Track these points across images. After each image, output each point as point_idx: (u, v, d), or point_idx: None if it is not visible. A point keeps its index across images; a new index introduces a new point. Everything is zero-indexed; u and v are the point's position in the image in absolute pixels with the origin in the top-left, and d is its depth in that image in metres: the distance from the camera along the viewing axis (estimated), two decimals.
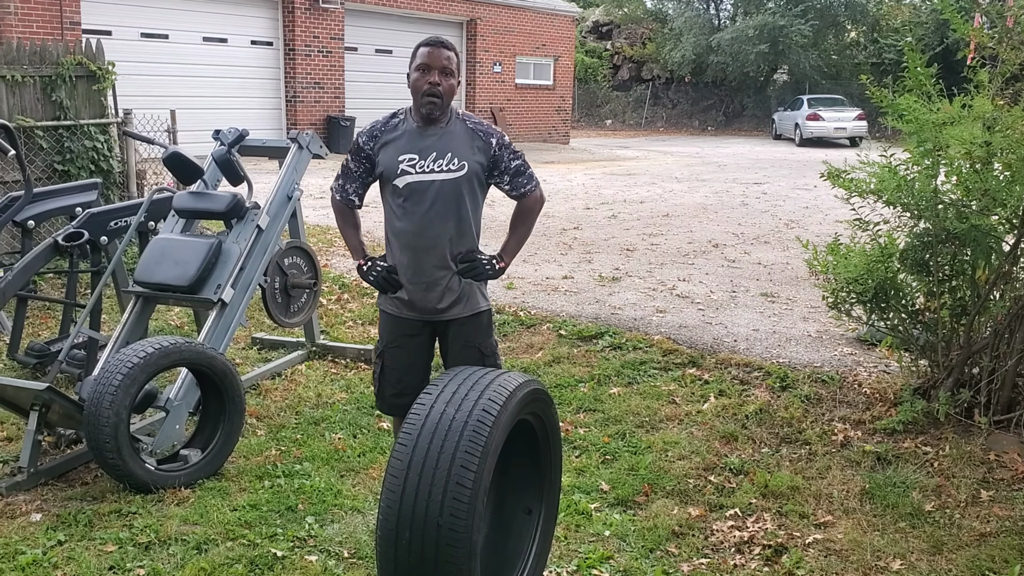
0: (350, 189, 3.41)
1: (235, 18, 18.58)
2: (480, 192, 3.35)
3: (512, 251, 3.45)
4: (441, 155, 3.22)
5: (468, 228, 3.32)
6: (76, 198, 5.47)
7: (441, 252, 3.28)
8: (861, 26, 33.53)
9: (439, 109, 3.21)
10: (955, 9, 4.34)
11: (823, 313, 6.22)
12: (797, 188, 14.99)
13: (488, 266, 3.35)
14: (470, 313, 3.39)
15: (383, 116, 3.37)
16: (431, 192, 3.22)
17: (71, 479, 3.95)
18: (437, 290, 3.32)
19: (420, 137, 3.24)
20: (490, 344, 3.46)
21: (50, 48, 7.26)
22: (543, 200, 3.48)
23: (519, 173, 3.35)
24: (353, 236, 3.48)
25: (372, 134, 3.32)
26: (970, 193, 4.23)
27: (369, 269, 3.38)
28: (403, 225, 3.29)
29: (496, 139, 3.29)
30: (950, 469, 4.07)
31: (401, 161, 3.23)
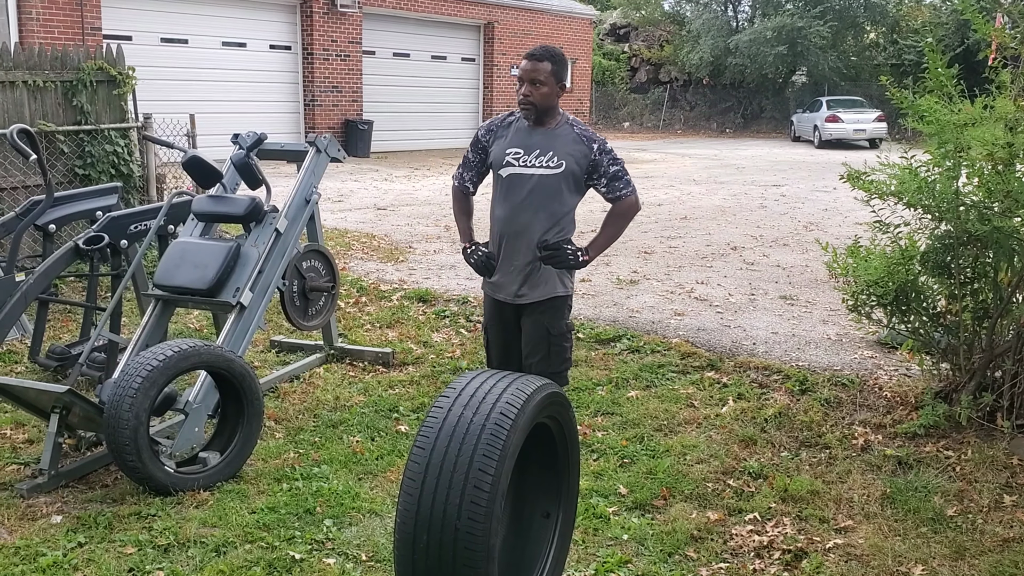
0: (466, 177, 3.82)
1: (254, 23, 18.69)
2: (576, 191, 3.65)
3: (599, 247, 3.68)
4: (544, 152, 3.57)
5: (559, 223, 3.60)
6: (97, 202, 5.51)
7: (529, 241, 3.58)
8: (880, 27, 33.28)
9: (533, 113, 3.58)
10: (976, 9, 4.31)
11: (843, 316, 6.18)
12: (816, 190, 14.91)
13: (571, 256, 3.58)
14: (544, 297, 3.66)
15: (502, 114, 3.80)
16: (529, 184, 3.57)
17: (91, 481, 3.98)
18: (520, 276, 3.63)
19: (528, 135, 3.62)
20: (560, 326, 3.70)
21: (71, 53, 7.32)
22: (638, 206, 3.75)
23: (616, 178, 3.64)
24: (463, 221, 3.84)
25: (489, 128, 3.75)
26: (992, 195, 4.18)
27: (472, 252, 3.71)
28: (500, 212, 3.66)
29: (597, 144, 3.62)
30: (972, 474, 4.03)
31: (508, 153, 3.61)
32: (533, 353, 3.69)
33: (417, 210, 11.97)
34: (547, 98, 3.56)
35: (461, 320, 6.56)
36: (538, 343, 3.68)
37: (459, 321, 6.54)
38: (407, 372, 5.49)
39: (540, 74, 3.53)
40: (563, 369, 3.74)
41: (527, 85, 3.54)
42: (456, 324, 6.49)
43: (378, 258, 8.69)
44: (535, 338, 3.67)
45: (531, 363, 3.69)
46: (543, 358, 3.67)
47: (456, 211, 3.88)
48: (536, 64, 3.53)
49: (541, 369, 3.63)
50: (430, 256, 8.82)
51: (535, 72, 3.53)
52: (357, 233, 9.91)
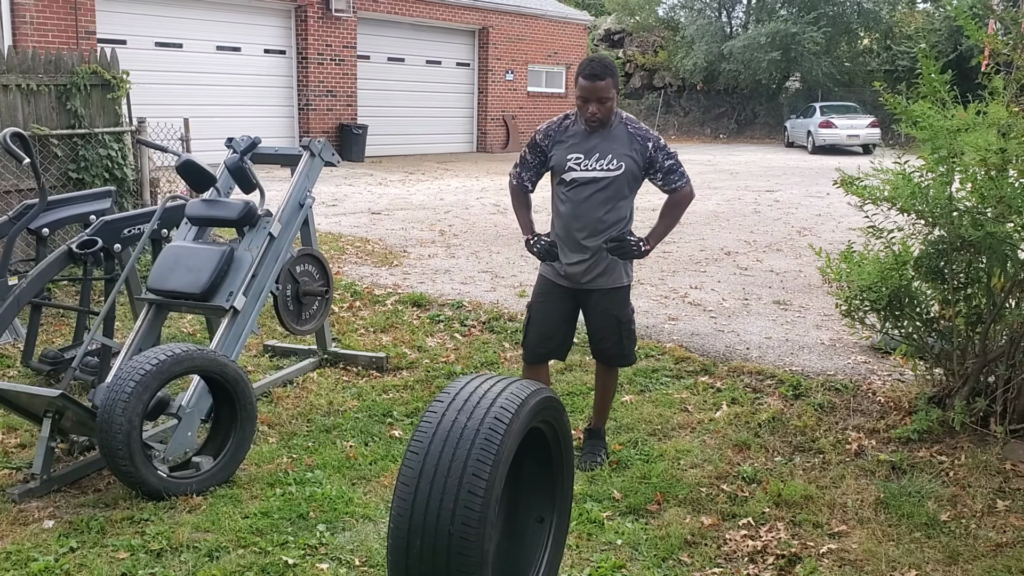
0: (525, 176, 4.07)
1: (248, 27, 18.69)
2: (634, 185, 3.96)
3: (658, 236, 4.02)
4: (603, 156, 3.85)
5: (620, 216, 3.92)
6: (90, 206, 5.50)
7: (592, 234, 3.89)
8: (874, 33, 33.42)
9: (602, 127, 3.84)
10: (969, 15, 4.33)
11: (836, 321, 6.19)
12: (810, 196, 14.94)
13: (635, 247, 3.91)
14: (610, 286, 4.01)
15: (556, 117, 4.01)
16: (592, 186, 3.87)
17: (84, 486, 3.96)
18: (585, 264, 3.94)
19: (586, 139, 3.88)
20: (627, 313, 4.09)
21: (65, 57, 7.31)
22: (692, 196, 4.10)
23: (672, 171, 3.97)
24: (524, 215, 4.08)
25: (547, 133, 3.97)
26: (985, 200, 4.20)
27: (535, 242, 3.98)
28: (565, 209, 3.94)
29: (652, 142, 3.90)
30: (966, 479, 4.03)
31: (570, 159, 3.88)
32: (605, 339, 4.09)
33: (412, 214, 11.97)
34: (611, 111, 3.81)
35: (456, 324, 6.55)
36: (609, 330, 4.06)
37: (453, 325, 6.54)
38: (401, 377, 5.48)
39: (605, 92, 3.73)
40: (632, 350, 4.19)
41: (594, 104, 3.75)
42: (451, 328, 6.48)
43: (372, 262, 8.69)
44: (606, 325, 4.05)
45: (603, 348, 4.14)
46: (616, 343, 4.08)
47: (516, 206, 4.11)
48: (598, 84, 3.72)
49: (615, 352, 4.11)
50: (424, 260, 8.82)
51: (599, 91, 3.73)
52: (351, 237, 9.90)
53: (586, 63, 3.79)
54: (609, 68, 3.76)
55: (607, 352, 4.15)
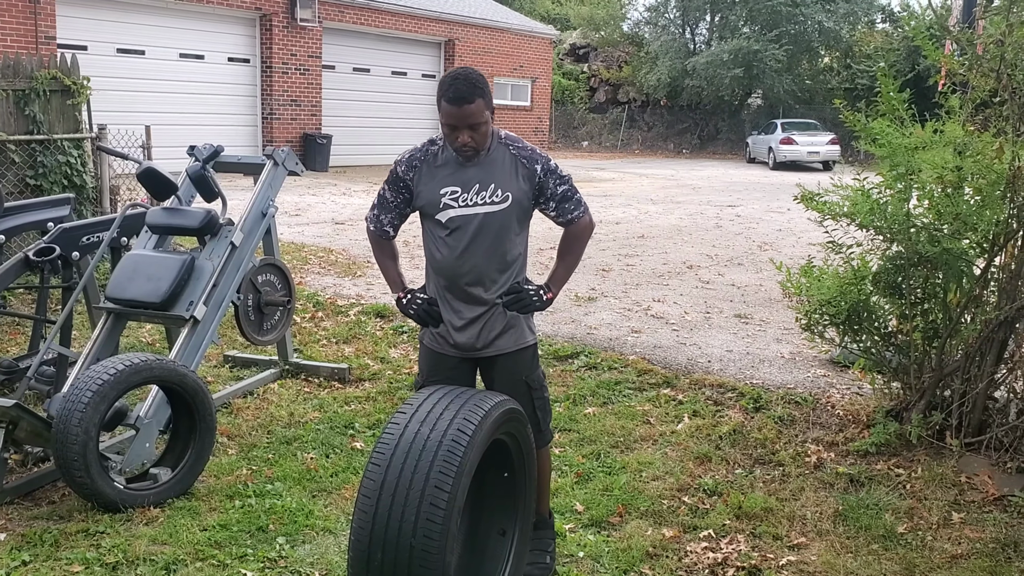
0: (385, 220, 3.28)
1: (212, 35, 18.55)
2: (525, 219, 3.21)
3: (560, 280, 3.28)
4: (484, 186, 3.08)
5: (514, 260, 3.18)
6: (48, 213, 5.41)
7: (484, 286, 3.14)
8: (835, 52, 33.96)
9: (476, 155, 3.08)
10: (927, 36, 4.41)
11: (796, 335, 6.26)
12: (771, 211, 15.12)
13: (536, 297, 3.19)
14: (514, 348, 3.23)
15: (420, 144, 3.20)
16: (474, 225, 3.09)
17: (37, 498, 3.89)
18: (478, 325, 3.17)
19: (462, 168, 3.10)
20: (537, 376, 3.31)
21: (24, 62, 7.20)
22: (592, 226, 3.32)
23: (566, 199, 3.19)
24: (391, 268, 3.35)
25: (411, 164, 3.16)
26: (942, 217, 4.28)
27: (409, 303, 3.26)
28: (444, 258, 3.15)
29: (541, 164, 3.13)
30: (922, 491, 4.09)
31: (443, 195, 3.09)
32: None
33: None
34: (487, 136, 3.05)
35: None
36: (520, 401, 3.14)
37: (417, 337, 6.51)
38: (363, 388, 5.45)
39: (476, 116, 2.96)
40: (548, 425, 3.38)
41: (465, 132, 2.98)
42: (414, 340, 6.46)
43: (335, 273, 8.64)
44: (515, 395, 3.13)
45: None
46: (529, 416, 3.17)
47: (378, 257, 3.39)
48: (468, 108, 2.94)
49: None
50: None
51: (470, 117, 2.96)
52: (314, 247, 9.84)
53: (448, 81, 2.98)
54: (477, 85, 2.96)
55: None
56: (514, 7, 35.29)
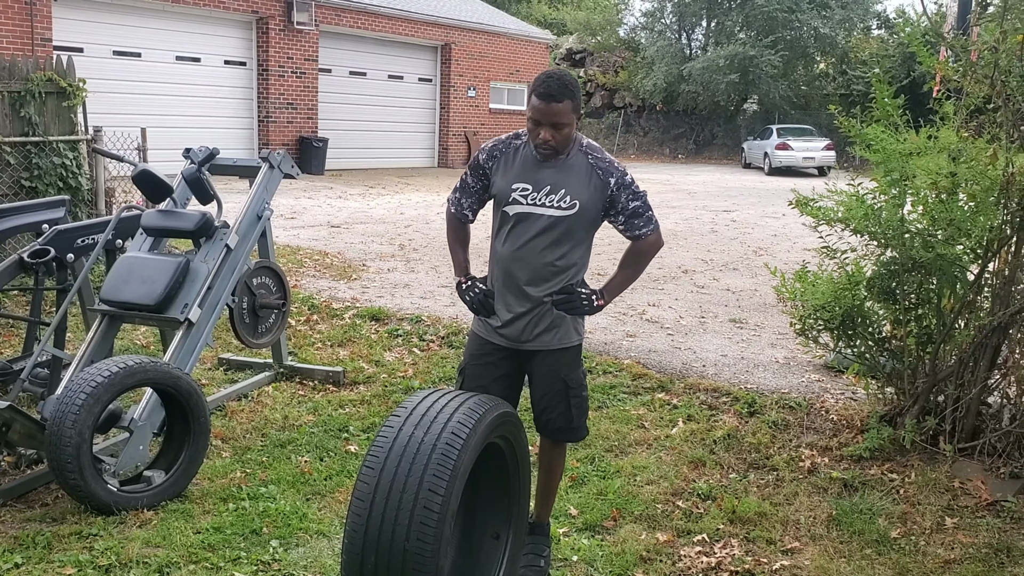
0: (465, 204, 3.33)
1: (209, 38, 18.55)
2: (591, 227, 3.23)
3: (615, 290, 3.31)
4: (555, 190, 3.11)
5: (572, 263, 3.21)
6: (43, 215, 5.40)
7: (537, 283, 3.17)
8: (830, 58, 34.05)
9: (554, 157, 3.12)
10: (921, 43, 4.43)
11: (791, 339, 6.26)
12: (766, 216, 15.14)
13: (586, 301, 3.19)
14: (557, 346, 3.26)
15: (505, 135, 3.27)
16: (538, 225, 3.13)
17: (30, 500, 3.88)
18: (527, 319, 3.21)
19: (537, 167, 3.14)
20: (576, 376, 3.30)
21: (20, 64, 7.19)
22: (660, 244, 3.32)
23: (636, 215, 3.21)
24: (459, 252, 3.38)
25: (492, 153, 3.23)
26: (936, 223, 4.29)
27: (467, 289, 3.27)
28: (505, 251, 3.21)
29: (616, 178, 3.15)
30: (916, 496, 4.10)
31: (514, 189, 3.14)
32: (551, 408, 3.30)
33: (371, 228, 11.92)
34: (569, 138, 3.09)
35: (414, 339, 6.53)
36: (556, 397, 3.28)
37: (412, 340, 6.51)
38: (358, 391, 5.45)
39: (562, 116, 3.01)
40: (583, 422, 3.38)
41: (548, 129, 3.03)
42: (409, 343, 6.46)
43: (331, 276, 8.64)
44: (552, 391, 3.27)
45: (548, 419, 3.33)
46: (563, 413, 3.29)
47: (451, 240, 3.41)
48: (556, 106, 2.99)
49: (562, 424, 3.32)
50: (383, 274, 8.78)
51: (556, 115, 3.01)
52: (310, 250, 9.84)
53: (542, 78, 3.04)
54: (569, 87, 3.02)
55: (553, 424, 3.33)
56: (511, 12, 35.37)
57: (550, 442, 3.44)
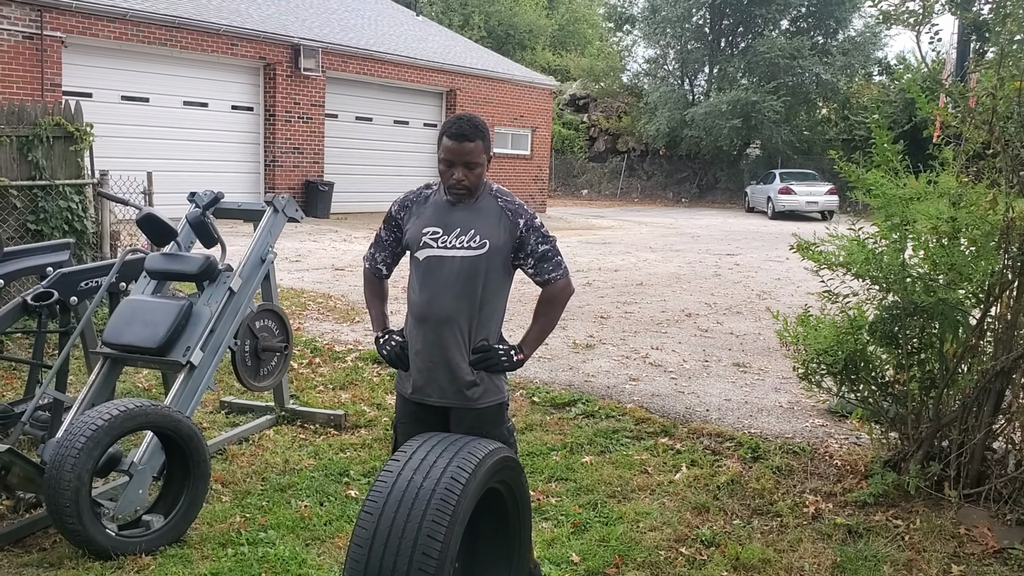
0: (379, 258, 3.37)
1: (216, 83, 18.76)
2: (504, 274, 3.20)
3: (533, 342, 3.25)
4: (465, 231, 3.13)
5: (486, 311, 3.17)
6: (47, 258, 5.43)
7: (452, 333, 3.13)
8: (832, 103, 34.36)
9: (468, 197, 3.15)
10: (921, 89, 4.47)
11: (794, 384, 6.24)
12: (769, 260, 15.16)
13: (504, 358, 3.17)
14: (476, 405, 3.18)
15: (416, 187, 3.31)
16: (448, 268, 3.12)
17: (28, 544, 3.85)
18: (442, 372, 3.15)
19: (447, 211, 3.17)
20: (500, 433, 3.21)
21: (28, 108, 7.28)
22: (570, 290, 3.30)
23: (545, 258, 3.20)
24: (377, 306, 3.40)
25: (404, 204, 3.28)
26: (937, 267, 4.29)
27: (384, 342, 3.28)
28: (417, 299, 3.19)
29: (525, 220, 3.17)
30: (921, 543, 4.05)
31: (425, 233, 3.17)
32: None
33: None
34: (481, 178, 3.15)
35: None
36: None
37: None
38: (359, 435, 5.43)
39: (473, 155, 3.08)
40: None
41: (460, 169, 3.09)
42: None
43: (334, 319, 8.65)
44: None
45: None
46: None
47: (368, 295, 3.45)
48: (467, 145, 3.07)
49: None
50: None
51: (468, 154, 3.08)
52: (313, 293, 9.86)
53: (452, 120, 3.12)
54: (479, 128, 3.10)
55: None
56: (515, 58, 35.76)
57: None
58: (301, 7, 22.77)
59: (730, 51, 34.98)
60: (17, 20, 14.88)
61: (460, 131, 3.08)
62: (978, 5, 4.52)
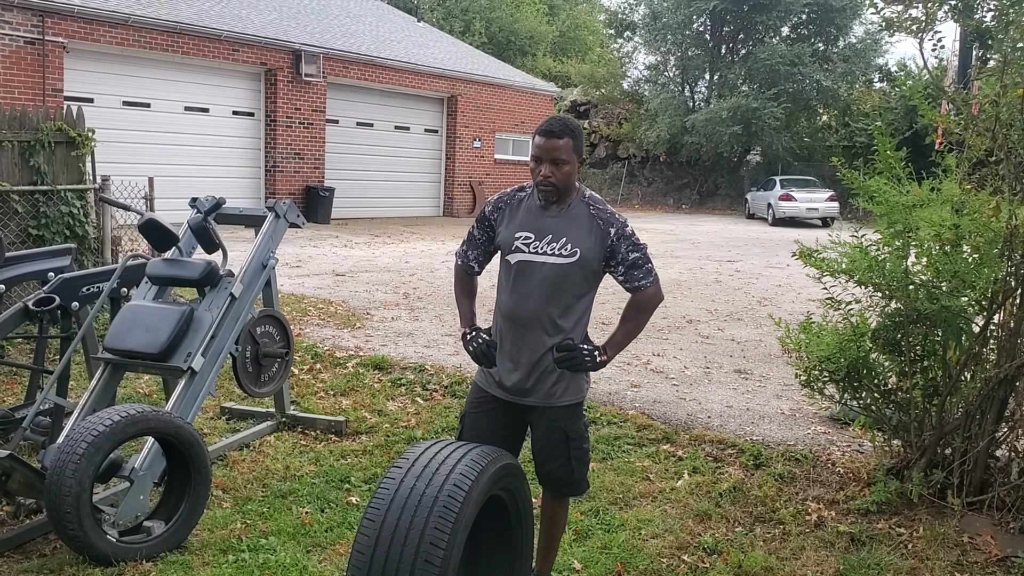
0: (471, 256, 3.43)
1: (217, 89, 18.79)
2: (592, 280, 3.27)
3: (617, 344, 3.33)
4: (556, 238, 3.19)
5: (572, 315, 3.23)
6: (49, 263, 5.42)
7: (538, 334, 3.20)
8: (832, 110, 34.37)
9: (555, 195, 3.19)
10: (923, 96, 4.47)
11: (796, 391, 6.23)
12: (770, 266, 15.16)
13: (588, 358, 3.22)
14: (557, 403, 3.27)
15: (511, 188, 3.37)
16: (539, 273, 3.19)
17: (28, 551, 3.84)
18: (528, 372, 3.23)
19: (540, 216, 3.23)
20: (577, 428, 3.30)
21: (30, 114, 7.28)
22: (659, 297, 3.38)
23: (636, 266, 3.27)
24: (465, 303, 3.47)
25: (497, 205, 3.34)
26: (940, 274, 4.29)
27: (472, 339, 3.34)
28: (506, 299, 3.26)
29: (616, 228, 3.22)
30: (924, 551, 4.04)
31: (517, 238, 3.22)
32: (551, 459, 3.30)
33: (376, 277, 11.95)
34: (569, 177, 3.18)
35: (417, 388, 6.51)
36: (557, 448, 3.28)
37: (415, 389, 6.49)
38: (360, 441, 5.42)
39: (562, 152, 3.13)
40: (584, 475, 3.38)
41: (547, 165, 3.13)
42: (412, 392, 6.43)
43: (335, 324, 8.64)
44: (552, 442, 3.27)
45: (550, 470, 3.32)
46: (563, 465, 3.28)
47: (457, 292, 3.51)
48: (556, 142, 3.12)
49: (561, 476, 3.31)
50: (388, 323, 8.78)
51: (556, 151, 3.12)
52: (314, 299, 9.85)
53: (546, 120, 3.20)
54: (570, 127, 3.15)
55: (553, 475, 3.33)
56: (516, 64, 35.82)
57: (552, 495, 3.43)
58: (302, 13, 22.82)
59: (731, 58, 35.01)
60: (19, 25, 14.92)
61: (549, 128, 3.14)
62: (980, 13, 4.51)
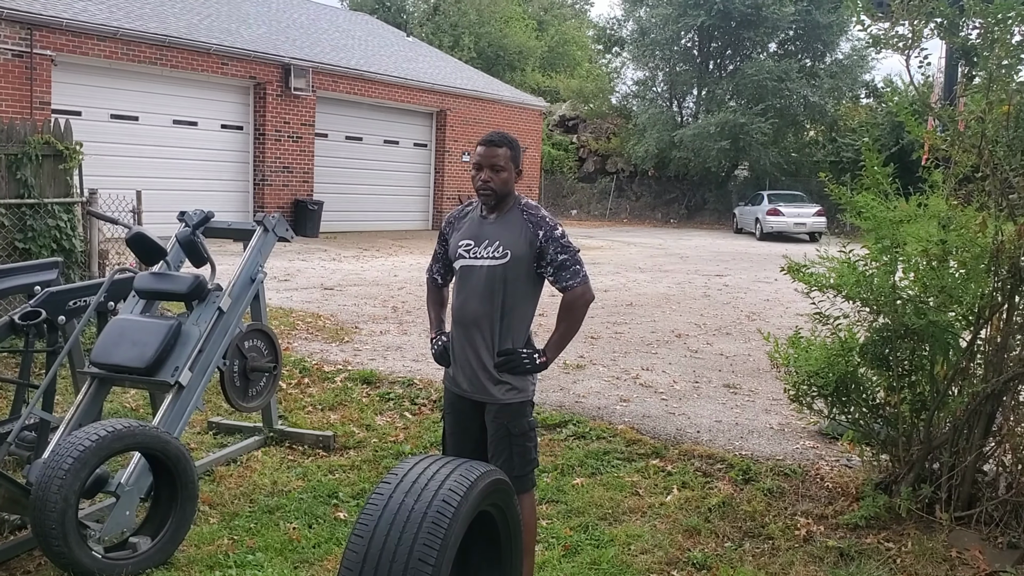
0: (435, 269, 3.77)
1: (206, 102, 18.78)
2: (528, 282, 3.50)
3: (554, 346, 3.54)
4: (492, 242, 3.47)
5: (512, 316, 3.48)
6: (35, 276, 5.39)
7: (481, 334, 3.47)
8: (820, 125, 34.58)
9: (493, 199, 3.47)
10: (909, 112, 4.50)
11: (785, 405, 6.24)
12: (758, 281, 15.20)
13: (527, 360, 3.47)
14: (502, 400, 3.50)
15: (461, 205, 3.68)
16: (477, 275, 3.47)
17: (12, 567, 3.80)
18: (473, 369, 3.50)
19: (480, 224, 3.54)
20: (520, 425, 3.51)
21: (17, 127, 7.26)
22: (588, 297, 3.53)
23: (563, 267, 3.47)
24: (433, 311, 3.78)
25: (449, 220, 3.68)
26: (927, 289, 4.31)
27: (433, 341, 3.69)
28: (455, 303, 3.56)
29: (544, 231, 3.45)
30: (913, 566, 4.04)
31: (460, 245, 3.54)
32: (496, 455, 3.48)
33: (365, 290, 11.93)
34: (506, 183, 3.46)
35: (406, 403, 6.49)
36: (500, 444, 3.48)
37: (404, 404, 6.47)
38: (348, 456, 5.39)
39: (499, 159, 3.44)
40: (527, 472, 3.51)
41: (486, 171, 3.44)
42: (401, 407, 6.41)
43: (323, 338, 8.61)
44: (496, 438, 3.48)
45: (497, 465, 3.37)
46: (506, 460, 3.45)
47: (428, 302, 3.83)
48: (495, 150, 3.45)
49: (505, 471, 3.28)
50: (376, 337, 8.76)
51: (495, 158, 3.44)
52: (302, 312, 9.82)
53: (487, 133, 3.55)
54: (508, 139, 3.50)
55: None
56: (505, 79, 35.91)
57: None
58: (292, 27, 22.85)
59: (718, 73, 35.21)
60: (7, 38, 14.88)
61: (490, 139, 3.50)
62: (966, 31, 4.55)
